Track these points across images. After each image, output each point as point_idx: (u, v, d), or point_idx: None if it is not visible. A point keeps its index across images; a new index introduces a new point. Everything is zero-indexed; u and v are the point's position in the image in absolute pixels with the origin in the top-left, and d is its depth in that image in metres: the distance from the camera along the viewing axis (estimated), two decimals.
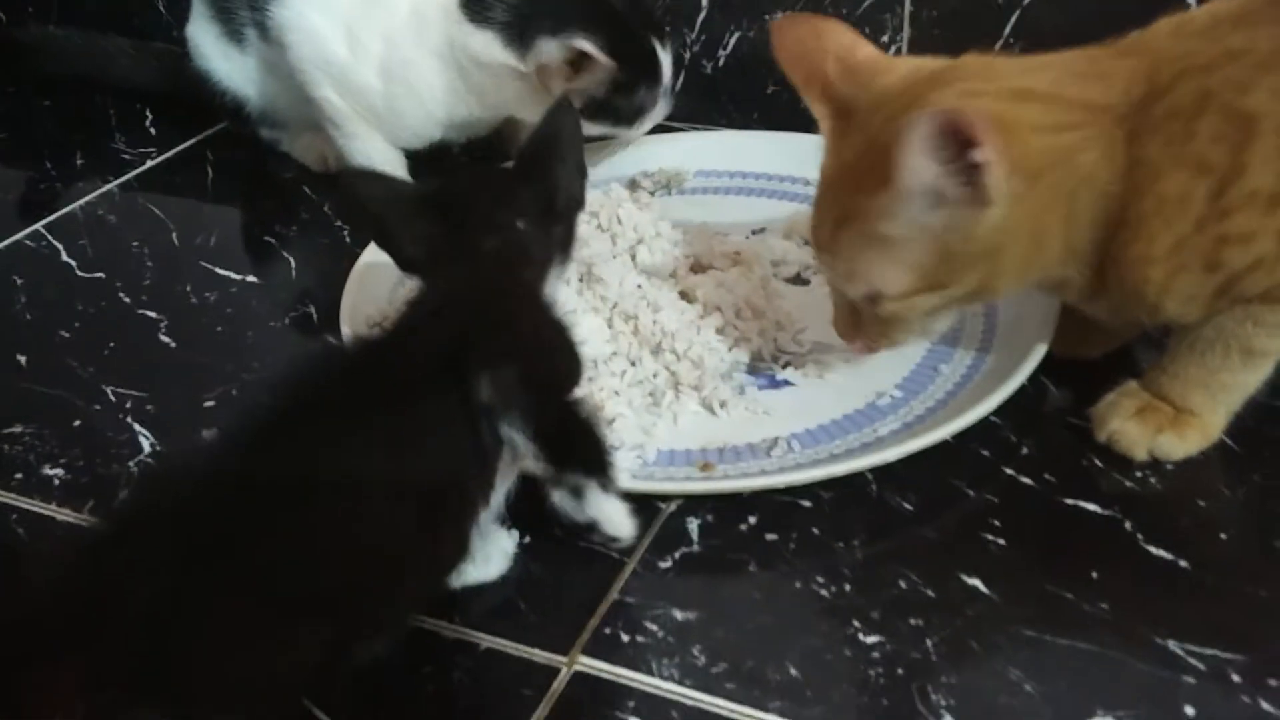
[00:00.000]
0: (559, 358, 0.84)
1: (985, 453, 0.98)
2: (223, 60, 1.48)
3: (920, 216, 0.84)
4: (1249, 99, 0.82)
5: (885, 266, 0.88)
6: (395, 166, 1.40)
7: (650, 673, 0.82)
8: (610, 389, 1.04)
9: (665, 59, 1.26)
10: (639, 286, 1.14)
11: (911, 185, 0.82)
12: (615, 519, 0.85)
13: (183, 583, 0.68)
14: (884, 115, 0.87)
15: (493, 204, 0.89)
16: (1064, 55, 0.89)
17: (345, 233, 1.38)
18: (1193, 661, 0.80)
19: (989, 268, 0.87)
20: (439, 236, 0.88)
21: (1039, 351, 1.01)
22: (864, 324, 0.95)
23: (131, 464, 1.05)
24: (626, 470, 0.95)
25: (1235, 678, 0.78)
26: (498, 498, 0.82)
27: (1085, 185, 0.85)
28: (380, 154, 1.39)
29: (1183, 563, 0.87)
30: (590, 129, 1.25)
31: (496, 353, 0.79)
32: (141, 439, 1.08)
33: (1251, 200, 0.82)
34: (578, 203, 0.94)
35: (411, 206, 0.90)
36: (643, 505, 0.94)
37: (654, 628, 0.85)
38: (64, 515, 1.00)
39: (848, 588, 0.87)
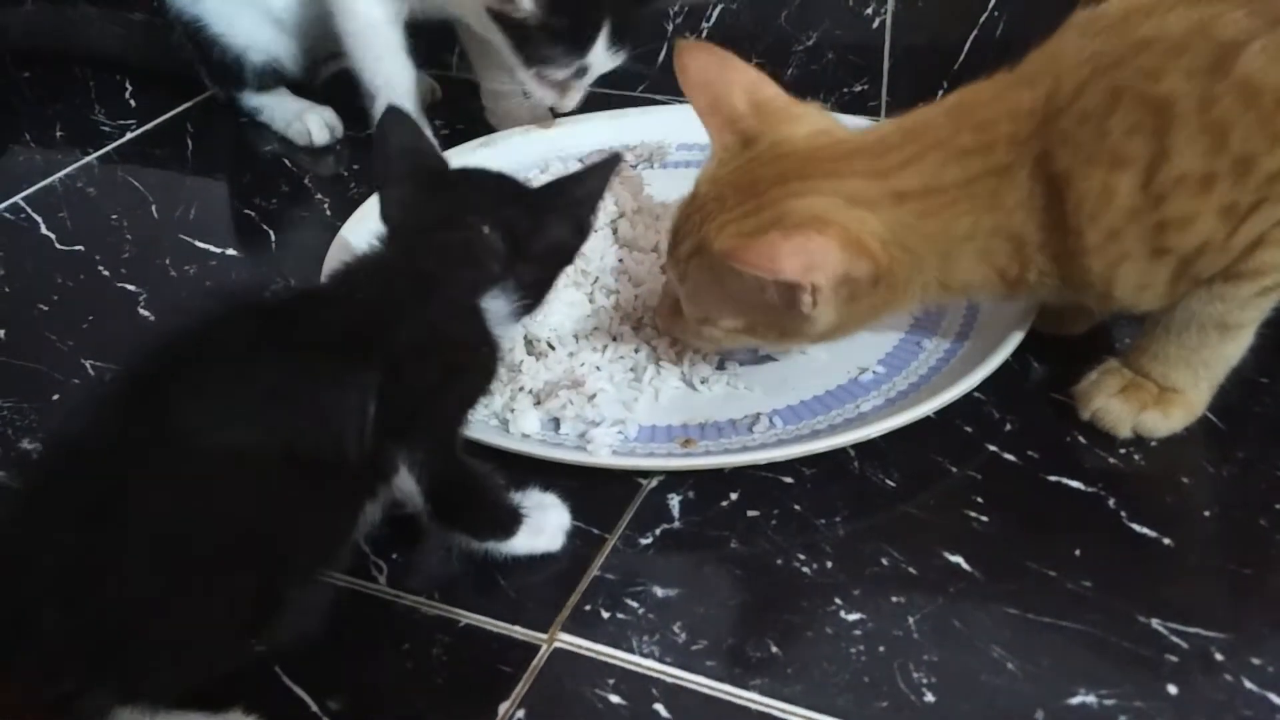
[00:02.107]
0: (459, 369, 0.83)
1: (968, 429, 0.97)
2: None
3: (754, 300, 0.90)
4: (1161, 85, 0.82)
5: (724, 305, 0.94)
6: (405, 86, 1.40)
7: (630, 650, 0.81)
8: (591, 364, 1.03)
9: (603, 47, 1.24)
10: (620, 261, 1.13)
11: (745, 288, 0.89)
12: (536, 545, 0.87)
13: (85, 560, 0.69)
14: (777, 171, 0.90)
15: (473, 203, 0.88)
16: (957, 118, 0.90)
17: (325, 206, 1.37)
18: (1176, 640, 0.79)
19: (829, 333, 0.94)
20: (415, 206, 0.87)
21: (1022, 329, 1.00)
22: (682, 322, 0.99)
23: None
24: (607, 445, 0.95)
25: (1219, 656, 0.78)
26: (388, 491, 0.82)
27: (962, 243, 0.89)
28: (390, 63, 1.39)
29: (1166, 540, 0.87)
30: (497, 36, 1.26)
31: (399, 349, 0.79)
32: None
33: (1182, 183, 0.82)
34: (559, 255, 0.91)
35: (415, 167, 0.89)
36: (623, 481, 0.94)
37: (634, 604, 0.85)
38: None
39: (829, 565, 0.87)
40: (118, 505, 0.70)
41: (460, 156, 1.28)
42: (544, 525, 0.87)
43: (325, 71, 1.59)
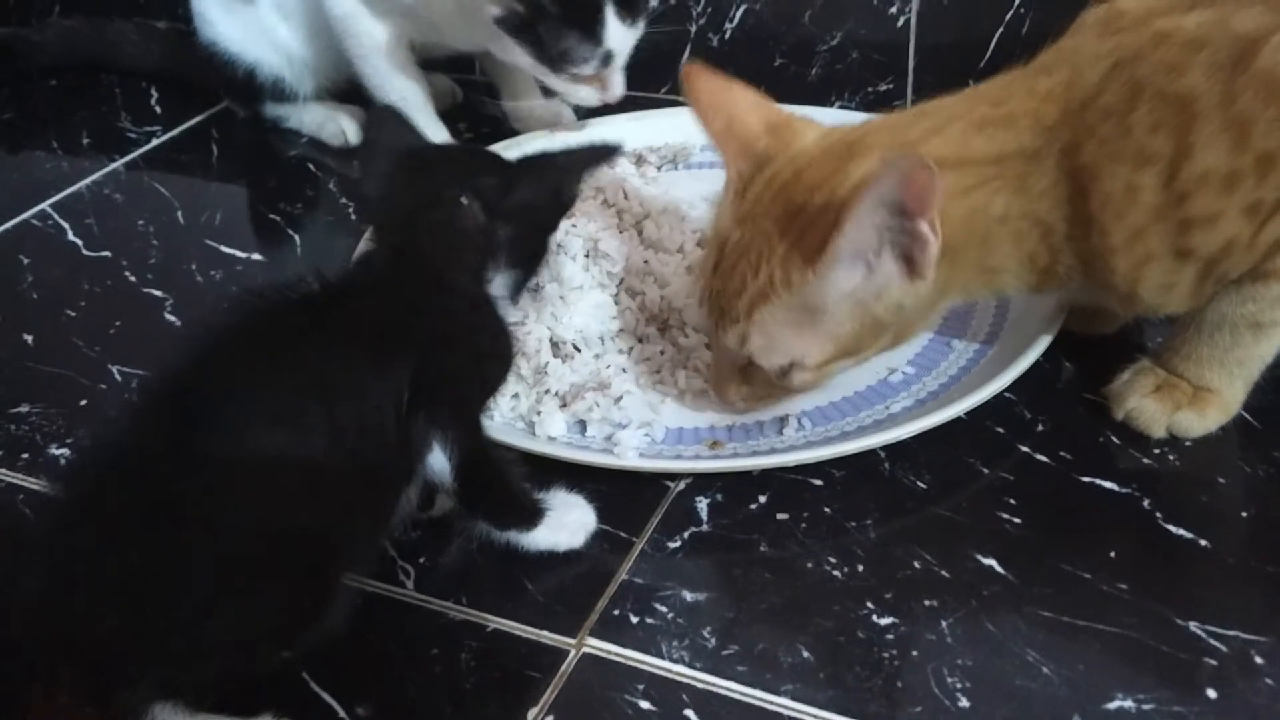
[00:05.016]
0: (483, 357, 0.85)
1: (1000, 430, 0.96)
2: (230, 22, 1.48)
3: (854, 286, 0.84)
4: (1183, 81, 0.81)
5: (808, 338, 0.88)
6: (418, 100, 1.41)
7: (660, 655, 0.81)
8: (617, 366, 1.03)
9: (616, 24, 1.22)
10: (645, 262, 1.12)
11: (854, 242, 0.82)
12: (557, 541, 0.87)
13: (136, 561, 0.69)
14: (807, 184, 0.87)
15: (449, 175, 0.88)
16: (970, 98, 0.89)
17: (350, 210, 1.37)
18: (1214, 643, 0.78)
19: (902, 328, 0.90)
20: (395, 187, 0.88)
21: (1053, 329, 0.99)
22: (752, 384, 0.95)
23: None
24: (634, 448, 0.94)
25: (1258, 660, 0.77)
26: (422, 471, 0.82)
27: (998, 224, 0.87)
28: (400, 79, 1.40)
29: (1203, 542, 0.85)
30: (517, 54, 1.26)
31: (429, 337, 0.80)
32: None
33: (1205, 181, 0.81)
34: (531, 214, 0.89)
35: (397, 151, 0.90)
36: (651, 484, 0.93)
37: (663, 609, 0.84)
38: None
39: (860, 568, 0.86)
40: (171, 507, 0.70)
41: None
42: (566, 521, 0.87)
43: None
